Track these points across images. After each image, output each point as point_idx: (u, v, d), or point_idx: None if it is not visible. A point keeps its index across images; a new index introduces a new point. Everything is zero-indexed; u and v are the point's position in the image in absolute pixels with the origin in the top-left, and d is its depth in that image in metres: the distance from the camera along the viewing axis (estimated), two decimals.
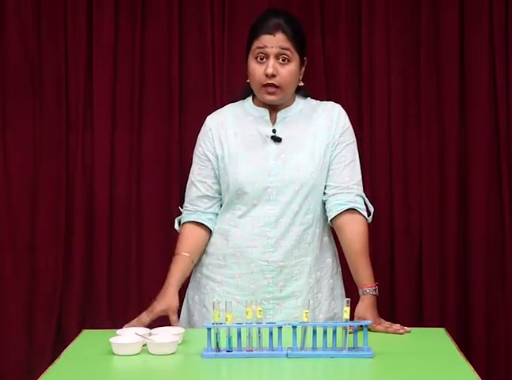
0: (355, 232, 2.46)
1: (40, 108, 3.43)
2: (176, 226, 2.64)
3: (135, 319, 2.43)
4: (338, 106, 2.57)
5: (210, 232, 2.56)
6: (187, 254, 2.52)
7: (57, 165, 3.43)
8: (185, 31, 3.43)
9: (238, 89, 2.63)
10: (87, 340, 2.35)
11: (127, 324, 2.41)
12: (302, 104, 2.55)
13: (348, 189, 2.48)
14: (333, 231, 2.57)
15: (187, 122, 3.38)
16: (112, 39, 3.41)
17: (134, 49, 3.41)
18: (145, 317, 2.41)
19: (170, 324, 2.40)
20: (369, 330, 2.29)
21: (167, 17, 3.42)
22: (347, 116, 2.56)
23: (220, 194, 2.55)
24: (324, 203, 2.51)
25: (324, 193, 2.50)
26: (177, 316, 2.43)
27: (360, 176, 2.53)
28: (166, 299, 2.43)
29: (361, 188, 2.53)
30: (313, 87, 3.20)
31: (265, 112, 2.51)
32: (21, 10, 3.40)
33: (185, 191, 2.65)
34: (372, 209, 2.52)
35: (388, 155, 3.42)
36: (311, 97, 2.59)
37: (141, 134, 3.44)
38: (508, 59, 3.39)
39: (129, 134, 3.44)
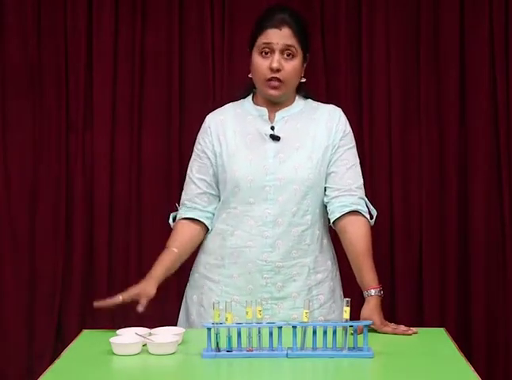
0: (358, 234, 2.44)
1: (40, 108, 3.44)
2: (170, 221, 2.61)
3: (108, 298, 2.41)
4: (339, 110, 2.56)
5: (207, 230, 2.55)
6: (176, 250, 2.51)
7: (57, 165, 3.43)
8: (185, 31, 3.43)
9: (238, 89, 2.62)
10: (87, 340, 2.34)
11: (97, 303, 2.39)
12: (302, 105, 2.54)
13: (351, 191, 2.47)
14: (332, 233, 2.57)
15: (187, 122, 3.38)
16: (112, 39, 3.42)
17: (134, 49, 3.42)
18: (118, 296, 2.40)
19: (169, 324, 2.39)
20: (377, 332, 2.29)
21: (167, 17, 3.42)
22: (348, 121, 2.55)
23: (218, 192, 2.54)
24: (325, 206, 2.50)
25: (326, 195, 2.49)
26: (146, 301, 2.40)
27: (362, 180, 2.52)
28: (144, 285, 2.43)
29: (363, 191, 2.51)
30: (313, 87, 3.20)
31: (264, 111, 2.51)
32: (21, 10, 3.41)
33: (182, 188, 2.64)
34: (374, 212, 2.50)
35: (388, 155, 3.43)
36: (312, 99, 2.58)
37: (141, 134, 3.45)
38: (508, 60, 3.39)
39: (129, 134, 3.44)
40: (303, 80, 2.51)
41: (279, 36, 2.41)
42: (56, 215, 3.44)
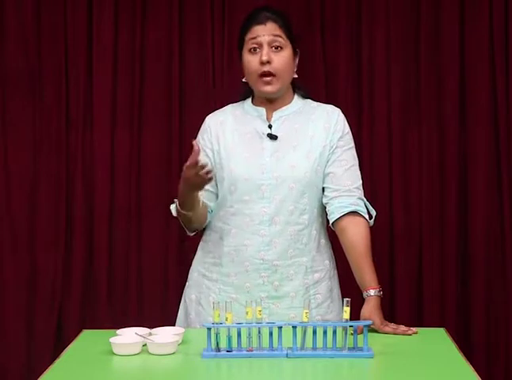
0: (358, 234, 2.44)
1: (40, 108, 3.44)
2: (173, 210, 2.49)
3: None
4: (338, 110, 2.55)
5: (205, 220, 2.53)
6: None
7: (57, 165, 3.44)
8: (185, 31, 3.43)
9: (238, 89, 2.62)
10: (87, 340, 2.34)
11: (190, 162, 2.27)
12: (301, 105, 2.54)
13: (350, 192, 2.46)
14: (330, 234, 2.56)
15: (187, 122, 3.38)
16: (112, 39, 3.42)
17: (134, 49, 3.42)
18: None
19: (169, 324, 2.38)
20: (377, 332, 2.29)
21: (167, 17, 3.42)
22: (346, 121, 2.54)
23: (217, 190, 2.54)
24: (324, 206, 2.50)
25: (324, 195, 2.48)
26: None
27: (361, 181, 2.51)
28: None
29: (362, 192, 2.50)
30: (313, 87, 3.21)
31: (262, 111, 2.52)
32: (21, 10, 3.41)
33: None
34: (373, 213, 2.49)
35: (388, 155, 3.43)
36: (312, 99, 2.58)
37: (141, 133, 3.45)
38: (508, 59, 3.39)
39: (129, 133, 3.44)
40: (296, 76, 2.51)
41: (265, 30, 2.44)
42: (56, 215, 3.44)
